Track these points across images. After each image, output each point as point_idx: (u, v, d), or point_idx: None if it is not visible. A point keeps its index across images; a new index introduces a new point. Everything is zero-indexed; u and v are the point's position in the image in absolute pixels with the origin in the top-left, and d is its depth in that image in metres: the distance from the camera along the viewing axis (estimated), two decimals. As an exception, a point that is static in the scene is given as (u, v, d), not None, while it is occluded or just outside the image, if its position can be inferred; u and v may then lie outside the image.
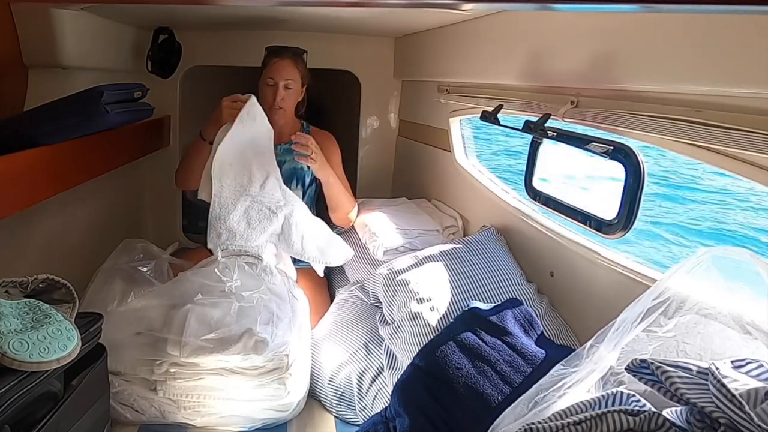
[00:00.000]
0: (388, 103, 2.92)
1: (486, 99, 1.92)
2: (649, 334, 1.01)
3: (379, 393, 1.67)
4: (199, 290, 1.65)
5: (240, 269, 1.74)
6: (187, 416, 1.58)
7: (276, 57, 2.16)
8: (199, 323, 1.55)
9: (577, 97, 1.49)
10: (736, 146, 1.01)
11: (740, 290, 0.99)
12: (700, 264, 1.01)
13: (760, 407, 0.75)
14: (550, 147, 1.66)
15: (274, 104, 2.14)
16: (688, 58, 1.08)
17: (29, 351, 1.04)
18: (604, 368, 1.01)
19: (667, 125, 1.15)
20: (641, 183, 1.31)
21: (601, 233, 1.44)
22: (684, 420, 0.85)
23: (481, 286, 1.71)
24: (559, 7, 1.39)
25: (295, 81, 2.16)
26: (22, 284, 1.23)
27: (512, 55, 1.71)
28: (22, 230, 1.61)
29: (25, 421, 1.08)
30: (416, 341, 1.58)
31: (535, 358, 1.41)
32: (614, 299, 1.29)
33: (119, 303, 1.67)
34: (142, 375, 1.56)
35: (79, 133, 1.62)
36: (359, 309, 1.98)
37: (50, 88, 1.71)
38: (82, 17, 1.80)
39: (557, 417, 0.91)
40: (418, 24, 2.32)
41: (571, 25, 1.42)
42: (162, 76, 2.44)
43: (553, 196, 1.65)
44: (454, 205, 2.36)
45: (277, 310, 1.68)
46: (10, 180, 1.36)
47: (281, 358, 1.59)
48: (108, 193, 2.20)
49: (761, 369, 0.83)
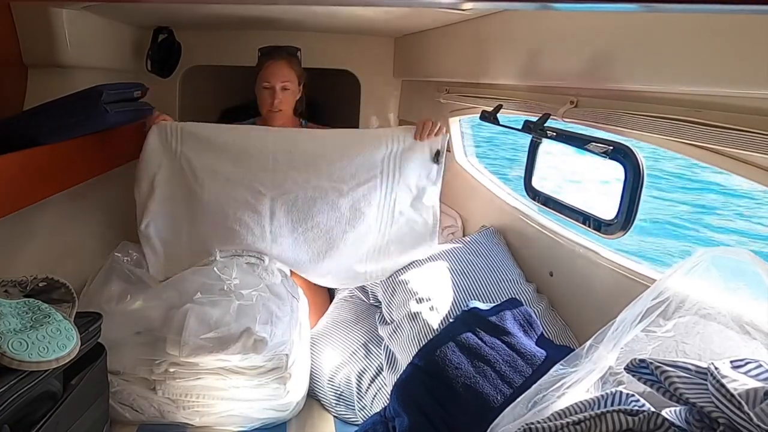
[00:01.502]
0: (388, 102, 2.92)
1: (486, 99, 1.92)
2: (649, 334, 1.01)
3: (378, 393, 1.67)
4: (198, 289, 1.64)
5: (239, 268, 1.74)
6: (186, 416, 1.58)
7: (270, 59, 2.13)
8: (198, 322, 1.55)
9: (576, 97, 1.49)
10: (735, 146, 1.00)
11: (739, 290, 0.99)
12: (699, 264, 1.01)
13: (759, 407, 0.75)
14: (547, 148, 1.66)
15: (272, 107, 2.12)
16: (688, 58, 1.08)
17: (28, 350, 1.04)
18: (603, 368, 1.01)
19: (666, 125, 1.15)
20: (641, 183, 1.31)
21: (600, 233, 1.44)
22: (683, 420, 0.85)
23: (480, 286, 1.71)
24: (559, 7, 1.39)
25: (291, 82, 2.13)
26: (21, 284, 1.23)
27: (512, 55, 1.71)
28: (22, 230, 1.61)
29: (25, 420, 1.08)
30: (415, 341, 1.58)
31: (535, 358, 1.41)
32: (613, 299, 1.29)
33: (118, 302, 1.67)
34: (141, 374, 1.56)
35: (79, 133, 1.62)
36: (358, 309, 1.98)
37: (50, 88, 1.71)
38: (82, 17, 1.80)
39: (557, 417, 0.91)
40: (418, 24, 2.32)
41: (571, 25, 1.42)
42: (162, 75, 2.44)
43: (552, 196, 1.65)
44: (453, 205, 2.36)
45: (277, 309, 1.68)
46: (10, 180, 1.36)
47: (281, 358, 1.58)
48: (108, 193, 2.19)
49: (760, 369, 0.83)
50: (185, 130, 1.85)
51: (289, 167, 1.87)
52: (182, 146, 1.84)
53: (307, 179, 1.88)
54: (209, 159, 1.86)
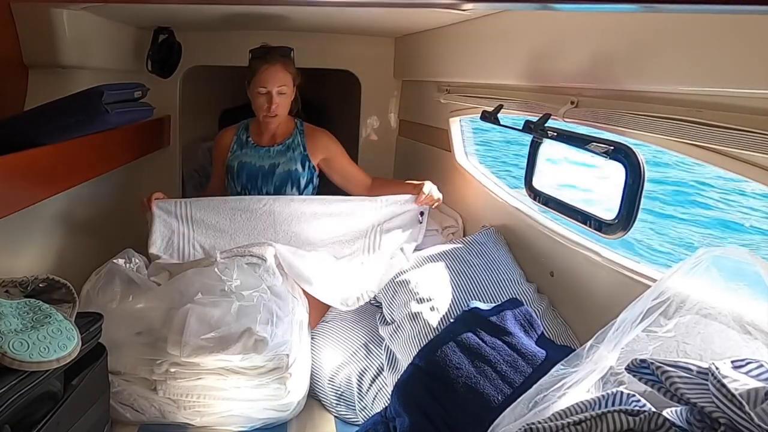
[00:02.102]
0: (388, 103, 2.92)
1: (486, 99, 1.92)
2: (649, 334, 1.01)
3: (379, 393, 1.67)
4: (199, 289, 1.64)
5: (240, 268, 1.74)
6: (187, 416, 1.58)
7: (265, 63, 2.07)
8: (199, 323, 1.55)
9: (577, 97, 1.49)
10: (736, 146, 1.01)
11: (740, 290, 0.99)
12: (699, 264, 1.01)
13: (760, 407, 0.75)
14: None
15: (269, 112, 2.09)
16: (688, 58, 1.08)
17: (29, 351, 1.04)
18: (604, 368, 1.01)
19: (667, 125, 1.15)
20: (641, 183, 1.31)
21: (601, 233, 1.44)
22: (684, 420, 0.85)
23: (481, 286, 1.71)
24: (559, 7, 1.39)
25: (287, 85, 2.09)
26: (22, 284, 1.23)
27: (512, 55, 1.71)
28: (22, 230, 1.61)
29: (26, 420, 1.08)
30: (416, 341, 1.58)
31: (536, 358, 1.41)
32: (614, 299, 1.29)
33: (119, 303, 1.67)
34: (142, 375, 1.56)
35: (79, 133, 1.62)
36: (359, 309, 1.97)
37: (50, 88, 1.71)
38: (82, 17, 1.80)
39: (557, 417, 0.91)
40: (418, 24, 2.32)
41: (571, 25, 1.42)
42: (162, 76, 2.44)
43: (553, 196, 1.65)
44: (453, 205, 2.36)
45: (278, 309, 1.68)
46: (10, 180, 1.36)
47: (281, 358, 1.58)
48: (108, 193, 2.20)
49: (761, 369, 0.83)
50: (192, 203, 2.04)
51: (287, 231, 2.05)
52: (191, 210, 2.03)
53: (304, 241, 2.04)
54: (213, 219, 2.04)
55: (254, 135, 2.23)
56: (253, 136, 2.23)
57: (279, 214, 2.04)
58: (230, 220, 2.04)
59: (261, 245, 1.91)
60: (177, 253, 1.99)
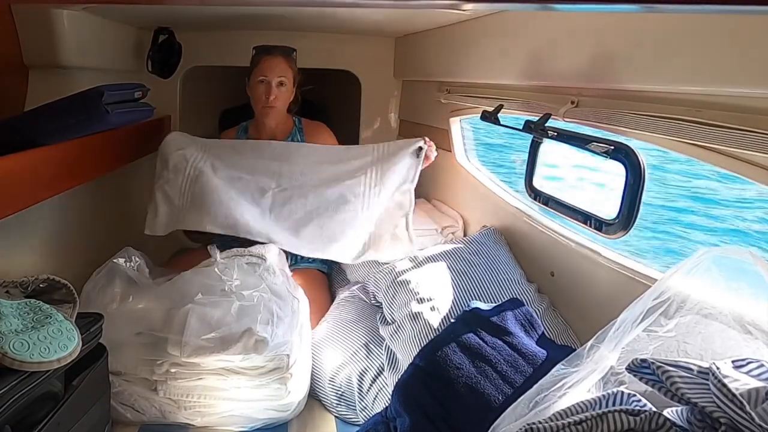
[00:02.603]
0: (388, 103, 2.92)
1: (486, 99, 1.92)
2: (650, 334, 1.01)
3: (379, 393, 1.67)
4: (199, 290, 1.64)
5: (240, 268, 1.74)
6: (187, 416, 1.58)
7: (267, 55, 2.12)
8: (199, 323, 1.55)
9: (577, 96, 1.49)
10: (736, 146, 1.01)
11: (741, 290, 0.99)
12: (700, 264, 1.01)
13: (760, 407, 0.75)
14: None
15: (267, 103, 2.10)
16: (688, 58, 1.08)
17: (30, 351, 1.04)
18: (604, 368, 1.01)
19: (667, 125, 1.15)
20: (642, 183, 1.31)
21: (601, 233, 1.44)
22: (685, 420, 0.85)
23: (481, 286, 1.71)
24: (559, 7, 1.39)
25: (287, 78, 2.12)
26: (22, 284, 1.23)
27: (512, 55, 1.71)
28: (22, 230, 1.61)
29: (26, 421, 1.08)
30: (417, 341, 1.58)
31: (536, 358, 1.41)
32: (615, 299, 1.29)
33: (119, 303, 1.67)
34: (142, 375, 1.56)
35: (80, 134, 1.62)
36: (360, 309, 1.98)
37: (50, 88, 1.71)
38: (82, 17, 1.80)
39: (558, 417, 0.91)
40: (418, 24, 2.32)
41: (571, 25, 1.42)
42: (162, 76, 2.44)
43: (553, 195, 1.65)
44: (454, 205, 2.36)
45: (278, 309, 1.68)
46: (10, 180, 1.36)
47: (282, 358, 1.58)
48: (108, 193, 2.20)
49: (762, 369, 0.83)
50: (208, 142, 2.12)
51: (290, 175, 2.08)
52: (208, 148, 2.09)
53: (305, 181, 2.08)
54: (227, 157, 2.09)
55: (253, 134, 2.24)
56: (252, 136, 2.23)
57: (289, 153, 2.11)
58: (243, 157, 2.09)
59: (261, 245, 1.91)
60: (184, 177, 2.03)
